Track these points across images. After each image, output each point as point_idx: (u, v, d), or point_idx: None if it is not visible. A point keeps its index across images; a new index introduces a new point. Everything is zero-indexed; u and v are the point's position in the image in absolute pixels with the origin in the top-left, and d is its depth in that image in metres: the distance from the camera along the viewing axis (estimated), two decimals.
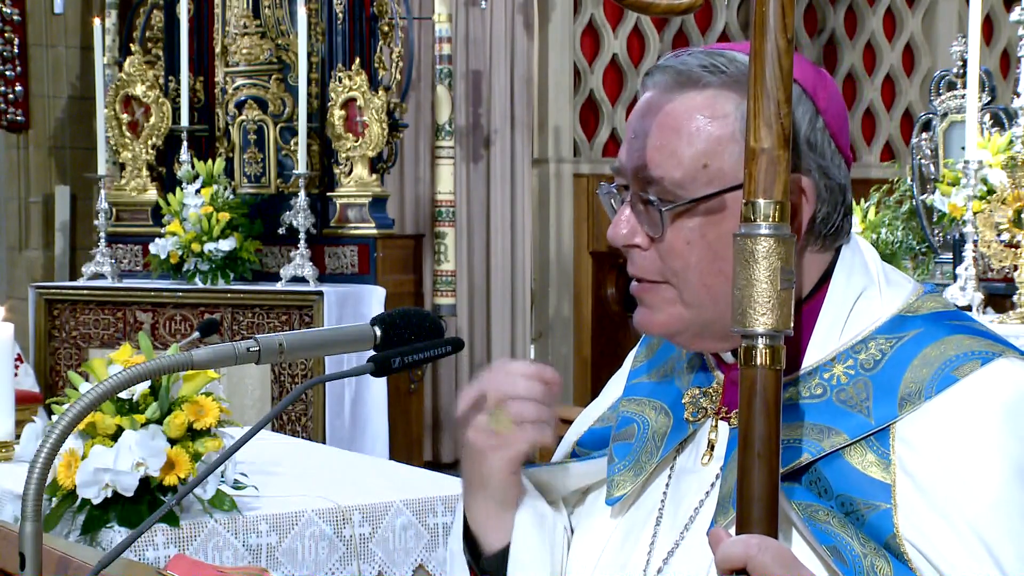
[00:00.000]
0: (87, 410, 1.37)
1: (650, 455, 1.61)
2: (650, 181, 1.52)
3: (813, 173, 1.51)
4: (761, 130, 1.36)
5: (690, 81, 1.52)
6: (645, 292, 1.56)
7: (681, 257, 1.51)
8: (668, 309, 1.54)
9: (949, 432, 1.42)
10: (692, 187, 1.50)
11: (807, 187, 1.51)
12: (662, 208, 1.51)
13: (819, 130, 1.52)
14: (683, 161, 1.50)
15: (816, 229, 1.53)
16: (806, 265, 1.54)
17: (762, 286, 1.35)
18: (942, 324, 1.50)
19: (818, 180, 1.52)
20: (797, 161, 1.49)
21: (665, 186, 1.51)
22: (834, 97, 1.56)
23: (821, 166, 1.52)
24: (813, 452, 1.45)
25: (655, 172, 1.51)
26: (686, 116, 1.51)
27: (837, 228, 1.54)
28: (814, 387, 1.49)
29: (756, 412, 1.34)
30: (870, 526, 1.41)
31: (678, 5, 1.43)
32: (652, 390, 1.68)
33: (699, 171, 1.50)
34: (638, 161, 1.53)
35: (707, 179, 1.49)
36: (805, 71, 1.53)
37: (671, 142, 1.51)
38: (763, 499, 1.34)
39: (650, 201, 1.52)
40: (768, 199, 1.36)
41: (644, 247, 1.55)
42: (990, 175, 5.99)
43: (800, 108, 1.50)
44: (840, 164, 1.54)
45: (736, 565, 1.30)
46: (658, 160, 1.51)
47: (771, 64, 1.36)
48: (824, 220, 1.53)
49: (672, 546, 1.57)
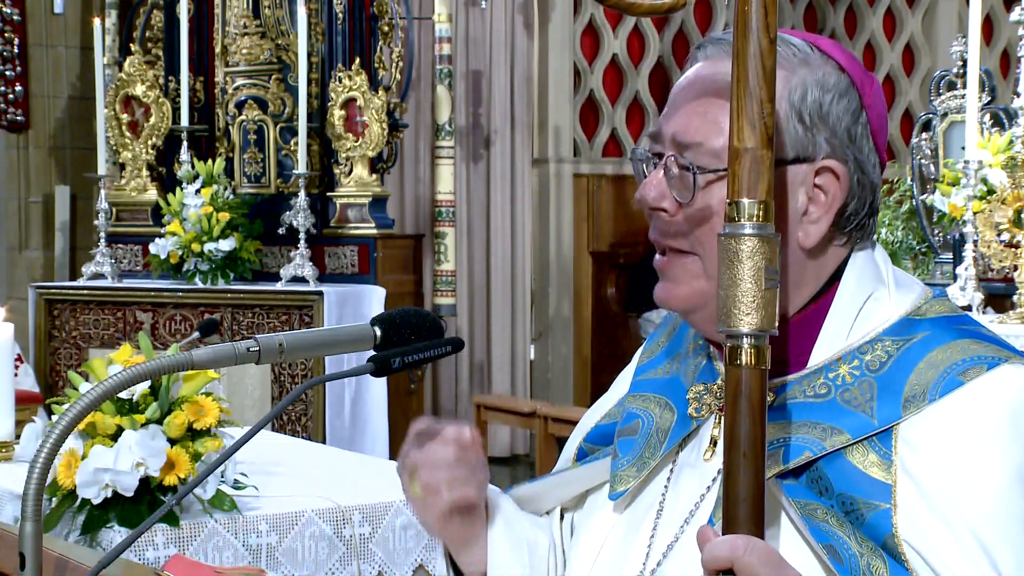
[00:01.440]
0: (87, 410, 1.37)
1: (653, 450, 1.62)
2: (688, 146, 1.52)
3: (849, 164, 1.52)
4: (744, 130, 1.36)
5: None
6: (669, 265, 1.55)
7: (710, 227, 1.51)
8: (692, 282, 1.53)
9: (952, 435, 1.42)
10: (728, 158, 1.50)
11: (841, 174, 1.51)
12: (697, 173, 1.50)
13: (861, 124, 1.53)
14: (724, 130, 1.49)
15: (843, 222, 1.53)
16: (827, 258, 1.54)
17: (746, 286, 1.35)
18: (950, 328, 1.50)
19: (852, 172, 1.52)
20: (836, 148, 1.50)
21: (703, 152, 1.51)
22: (878, 96, 1.56)
23: (858, 159, 1.52)
24: (815, 450, 1.45)
25: (695, 137, 1.51)
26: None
27: (861, 226, 1.54)
28: (819, 386, 1.50)
29: (741, 412, 1.34)
30: (869, 526, 1.41)
31: (660, 5, 1.43)
32: (657, 387, 1.68)
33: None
34: (678, 126, 1.53)
35: None
36: (855, 67, 1.55)
37: (715, 111, 1.51)
38: (749, 499, 1.33)
39: (685, 166, 1.51)
40: (752, 199, 1.35)
41: (671, 212, 1.54)
42: (990, 175, 5.98)
43: (846, 99, 1.51)
44: (875, 163, 1.54)
45: (722, 565, 1.30)
46: (699, 126, 1.51)
47: (754, 64, 1.36)
48: (852, 214, 1.53)
49: (671, 540, 1.58)
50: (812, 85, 1.50)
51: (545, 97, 9.67)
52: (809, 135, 1.50)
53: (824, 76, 1.52)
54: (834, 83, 1.52)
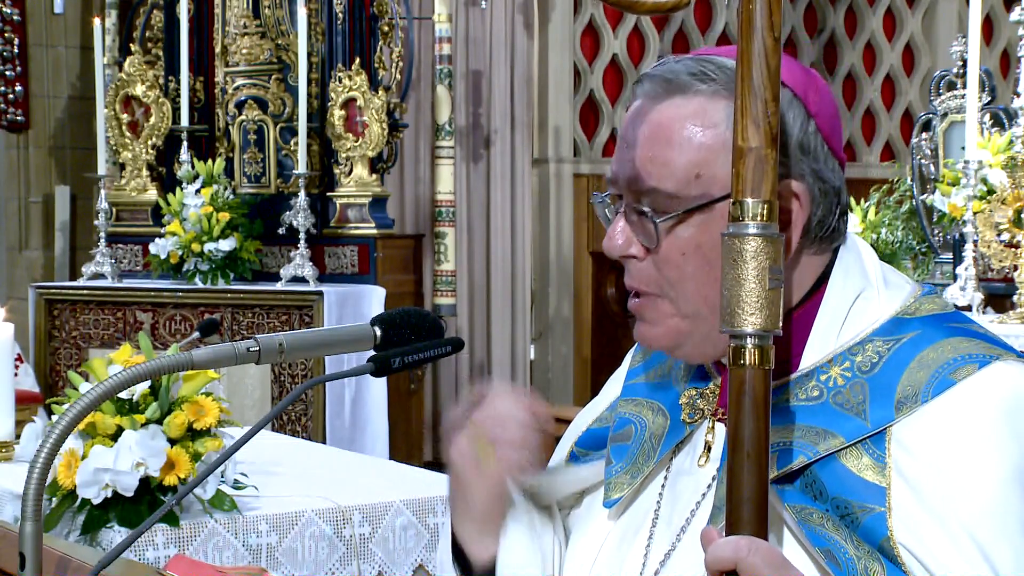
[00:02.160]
0: (87, 410, 1.37)
1: (647, 457, 1.61)
2: (643, 192, 1.51)
3: (807, 177, 1.51)
4: (749, 129, 1.36)
5: (679, 89, 1.51)
6: (643, 307, 1.55)
7: (677, 268, 1.51)
8: (666, 322, 1.54)
9: (945, 435, 1.41)
10: (685, 197, 1.49)
11: (801, 192, 1.50)
12: (656, 219, 1.50)
13: (811, 133, 1.51)
14: (675, 171, 1.49)
15: (812, 232, 1.52)
16: (803, 268, 1.53)
17: (750, 286, 1.35)
18: (940, 327, 1.49)
19: (812, 184, 1.51)
20: (791, 166, 1.49)
21: (658, 197, 1.50)
22: (825, 98, 1.55)
23: (815, 170, 1.51)
24: (809, 455, 1.45)
25: (648, 183, 1.50)
26: (677, 125, 1.50)
27: (833, 230, 1.54)
28: (811, 389, 1.49)
29: (745, 412, 1.34)
30: (864, 529, 1.41)
31: (664, 3, 1.42)
32: (650, 391, 1.67)
33: (692, 180, 1.49)
34: (631, 172, 1.52)
35: (700, 188, 1.49)
36: (794, 74, 1.53)
37: (663, 152, 1.50)
38: (753, 500, 1.33)
39: (644, 212, 1.51)
40: (756, 198, 1.35)
41: (640, 257, 1.54)
42: (990, 175, 5.99)
43: (791, 112, 1.50)
44: (834, 166, 1.53)
45: (726, 566, 1.30)
46: (650, 171, 1.50)
47: (758, 63, 1.35)
48: (820, 223, 1.52)
49: (668, 548, 1.57)
50: None
51: (545, 97, 9.67)
52: None
53: None
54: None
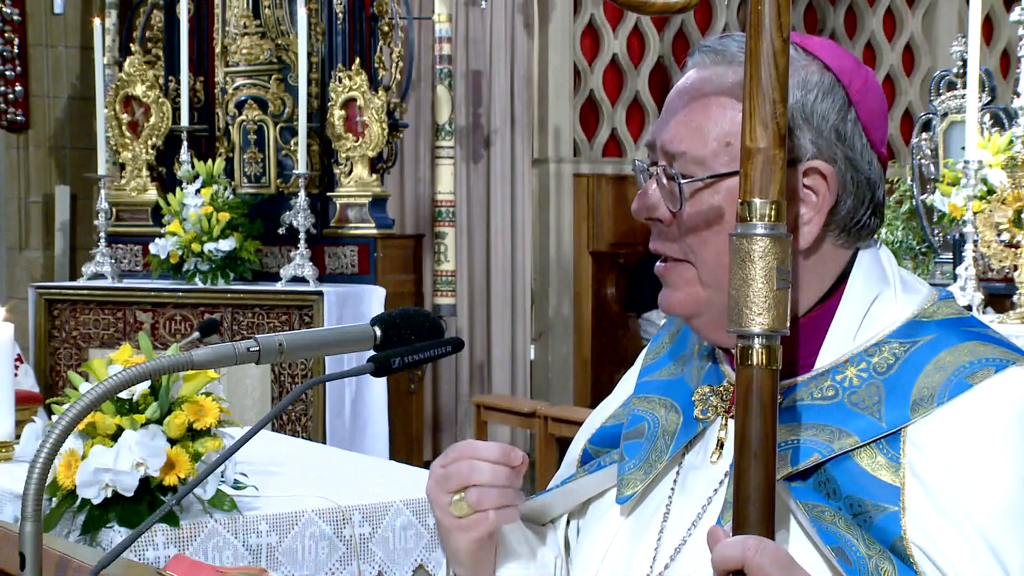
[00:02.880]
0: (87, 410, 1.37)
1: (660, 453, 1.62)
2: (675, 155, 1.53)
3: (839, 163, 1.51)
4: (757, 130, 1.36)
5: (725, 61, 1.54)
6: (667, 271, 1.57)
7: (699, 234, 1.52)
8: (688, 288, 1.54)
9: (960, 437, 1.42)
10: (714, 164, 1.51)
11: (829, 174, 1.50)
12: (682, 182, 1.52)
13: (850, 121, 1.52)
14: (707, 138, 1.51)
15: (840, 221, 1.52)
16: (827, 259, 1.54)
17: (758, 286, 1.35)
18: (957, 330, 1.49)
19: (844, 170, 1.51)
20: (823, 148, 1.50)
21: (688, 161, 1.52)
22: (872, 91, 1.55)
23: (848, 157, 1.52)
24: (823, 453, 1.45)
25: (680, 146, 1.52)
26: (715, 95, 1.52)
27: (863, 224, 1.54)
28: (826, 388, 1.49)
29: (753, 412, 1.34)
30: (877, 528, 1.41)
31: (674, 4, 1.42)
32: (663, 387, 1.68)
33: (722, 149, 1.50)
34: (665, 135, 1.55)
35: (729, 158, 1.50)
36: (843, 62, 1.54)
37: (698, 119, 1.52)
38: (760, 500, 1.33)
39: (672, 175, 1.53)
40: (764, 199, 1.35)
41: (666, 221, 1.55)
42: (990, 175, 5.99)
43: (831, 97, 1.51)
44: (871, 159, 1.53)
45: (732, 566, 1.30)
46: (684, 135, 1.53)
47: (767, 64, 1.36)
48: (849, 213, 1.53)
49: (679, 543, 1.57)
50: (793, 87, 1.48)
51: (545, 97, 9.67)
52: (793, 137, 1.50)
53: (806, 76, 1.51)
54: (816, 82, 1.51)
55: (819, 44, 1.56)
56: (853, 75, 1.54)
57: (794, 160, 1.50)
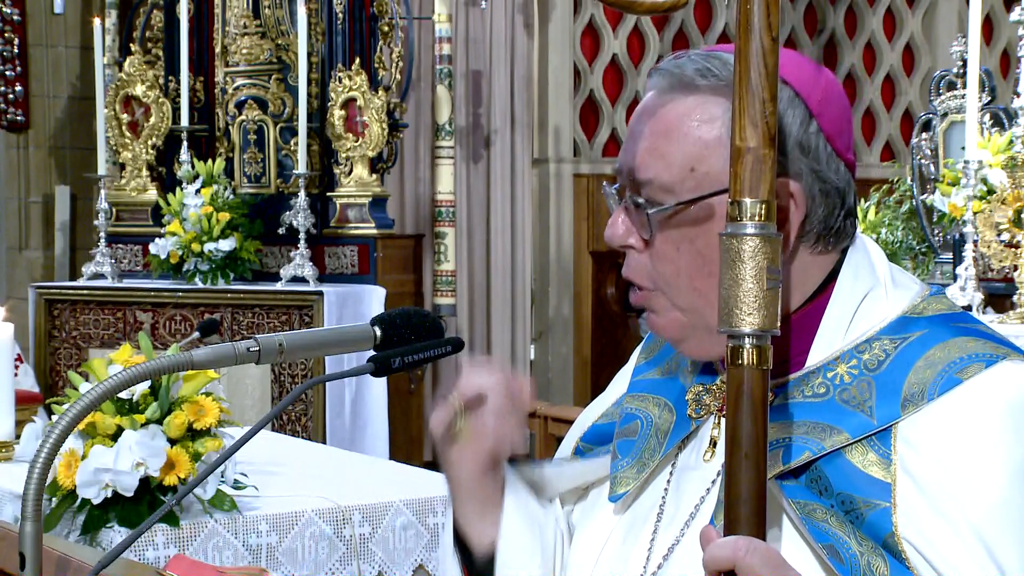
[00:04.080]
0: (87, 410, 1.37)
1: (653, 452, 1.62)
2: (641, 183, 1.53)
3: (804, 177, 1.51)
4: (747, 129, 1.36)
5: (682, 85, 1.53)
6: (643, 300, 1.57)
7: (671, 262, 1.52)
8: (667, 314, 1.55)
9: (951, 433, 1.42)
10: (680, 191, 1.50)
11: (796, 191, 1.50)
12: (649, 211, 1.52)
13: (812, 133, 1.51)
14: (671, 164, 1.51)
15: (813, 232, 1.52)
16: (807, 267, 1.54)
17: (748, 285, 1.35)
18: (947, 326, 1.49)
19: (811, 184, 1.51)
20: (788, 165, 1.49)
21: (654, 189, 1.52)
22: (833, 98, 1.55)
23: (815, 170, 1.51)
24: (814, 450, 1.45)
25: (645, 174, 1.52)
26: (676, 120, 1.51)
27: (838, 230, 1.54)
28: (817, 386, 1.50)
29: (743, 412, 1.34)
30: (869, 525, 1.41)
31: (661, 4, 1.42)
32: (656, 386, 1.68)
33: (687, 175, 1.50)
34: (631, 163, 1.54)
35: (695, 183, 1.50)
36: (802, 71, 1.53)
37: (660, 145, 1.51)
38: (751, 500, 1.33)
39: (639, 204, 1.53)
40: (754, 198, 1.35)
41: (639, 249, 1.55)
42: (990, 175, 5.99)
43: (791, 111, 1.50)
44: (838, 167, 1.53)
45: (723, 566, 1.30)
46: (648, 162, 1.52)
47: (756, 63, 1.36)
48: (822, 222, 1.52)
49: (672, 542, 1.58)
50: None
51: (545, 97, 9.67)
52: None
53: None
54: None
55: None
56: (812, 85, 1.53)
57: None
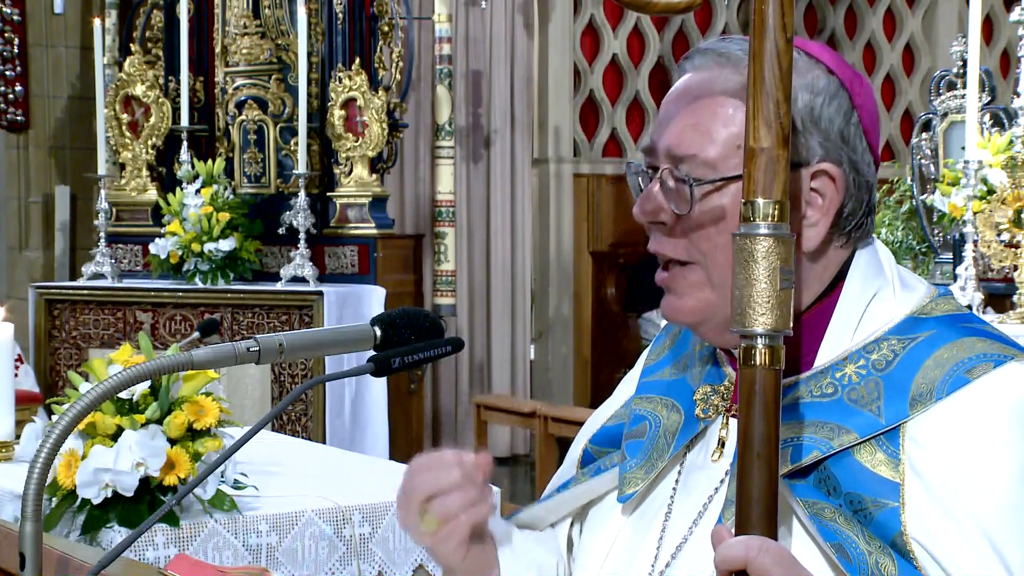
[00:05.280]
0: (87, 410, 1.37)
1: (661, 452, 1.62)
2: (682, 159, 1.52)
3: (844, 166, 1.52)
4: (760, 130, 1.36)
5: (729, 64, 1.54)
6: (673, 279, 1.56)
7: (709, 237, 1.52)
8: (696, 293, 1.54)
9: (959, 433, 1.42)
10: (724, 166, 1.51)
11: (836, 176, 1.51)
12: (694, 185, 1.51)
13: (853, 125, 1.53)
14: (717, 141, 1.51)
15: (841, 223, 1.53)
16: (828, 261, 1.54)
17: (761, 286, 1.35)
18: (955, 327, 1.50)
19: (848, 173, 1.52)
20: (830, 150, 1.51)
21: (698, 164, 1.52)
22: (869, 98, 1.57)
23: (852, 160, 1.53)
24: (823, 450, 1.46)
25: (689, 149, 1.52)
26: (723, 98, 1.52)
27: (860, 225, 1.55)
28: (825, 386, 1.50)
29: (756, 412, 1.34)
30: (877, 524, 1.42)
31: (677, 4, 1.43)
32: (664, 387, 1.68)
33: (732, 152, 1.50)
34: (672, 139, 1.54)
35: (739, 161, 1.49)
36: (843, 68, 1.55)
37: (706, 121, 1.52)
38: (763, 500, 1.34)
39: (681, 178, 1.52)
40: (767, 199, 1.36)
41: (669, 224, 1.55)
42: (990, 175, 5.99)
43: (836, 101, 1.52)
44: (869, 162, 1.55)
45: (735, 566, 1.30)
46: (693, 138, 1.52)
47: (770, 64, 1.36)
48: (850, 215, 1.54)
49: (680, 542, 1.58)
50: (802, 90, 1.50)
51: (545, 97, 9.67)
52: (802, 140, 1.50)
53: (813, 80, 1.52)
54: (824, 86, 1.52)
55: (820, 49, 1.57)
56: (854, 81, 1.55)
57: (804, 162, 1.50)
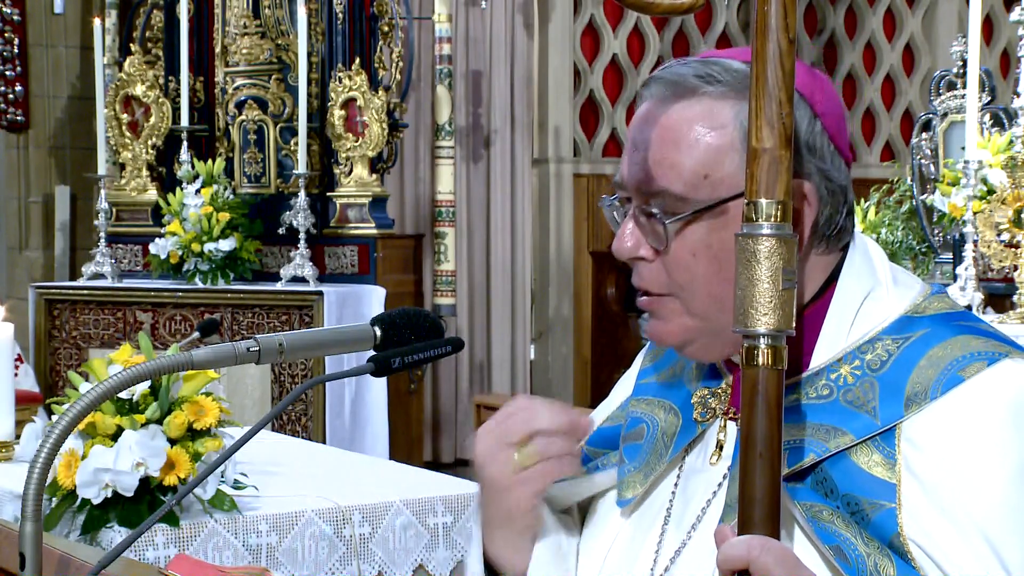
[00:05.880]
0: (87, 410, 1.37)
1: (659, 456, 1.62)
2: (652, 194, 1.52)
3: (814, 177, 1.52)
4: (763, 130, 1.36)
5: (686, 91, 1.52)
6: (653, 304, 1.56)
7: (687, 269, 1.52)
8: (676, 320, 1.55)
9: (954, 432, 1.42)
10: (694, 198, 1.50)
11: (809, 192, 1.51)
12: (665, 221, 1.51)
13: (818, 133, 1.52)
14: (683, 173, 1.50)
15: (820, 232, 1.53)
16: (811, 268, 1.54)
17: (764, 286, 1.35)
18: (949, 325, 1.50)
19: (819, 184, 1.52)
20: (798, 166, 1.49)
21: (667, 198, 1.51)
22: (831, 98, 1.56)
23: (822, 169, 1.52)
24: (819, 452, 1.45)
25: (657, 185, 1.51)
26: (684, 127, 1.51)
27: (840, 228, 1.55)
28: (821, 388, 1.50)
29: (758, 412, 1.34)
30: (874, 525, 1.41)
31: (680, 5, 1.43)
32: (661, 390, 1.68)
33: (700, 181, 1.50)
34: (639, 175, 1.53)
35: (709, 189, 1.50)
36: (800, 75, 1.53)
37: (671, 154, 1.51)
38: (765, 500, 1.33)
39: (653, 214, 1.52)
40: (770, 199, 1.36)
41: (649, 259, 1.55)
42: (990, 175, 5.99)
43: (797, 112, 1.50)
44: (840, 165, 1.54)
45: (738, 565, 1.30)
46: (659, 173, 1.51)
47: (773, 64, 1.36)
48: (827, 222, 1.53)
49: (679, 545, 1.58)
50: None
51: (545, 97, 9.67)
52: None
53: None
54: None
55: None
56: (813, 87, 1.54)
57: None
